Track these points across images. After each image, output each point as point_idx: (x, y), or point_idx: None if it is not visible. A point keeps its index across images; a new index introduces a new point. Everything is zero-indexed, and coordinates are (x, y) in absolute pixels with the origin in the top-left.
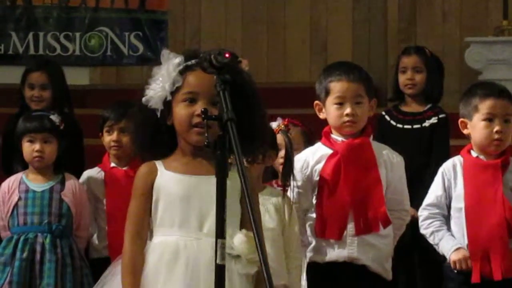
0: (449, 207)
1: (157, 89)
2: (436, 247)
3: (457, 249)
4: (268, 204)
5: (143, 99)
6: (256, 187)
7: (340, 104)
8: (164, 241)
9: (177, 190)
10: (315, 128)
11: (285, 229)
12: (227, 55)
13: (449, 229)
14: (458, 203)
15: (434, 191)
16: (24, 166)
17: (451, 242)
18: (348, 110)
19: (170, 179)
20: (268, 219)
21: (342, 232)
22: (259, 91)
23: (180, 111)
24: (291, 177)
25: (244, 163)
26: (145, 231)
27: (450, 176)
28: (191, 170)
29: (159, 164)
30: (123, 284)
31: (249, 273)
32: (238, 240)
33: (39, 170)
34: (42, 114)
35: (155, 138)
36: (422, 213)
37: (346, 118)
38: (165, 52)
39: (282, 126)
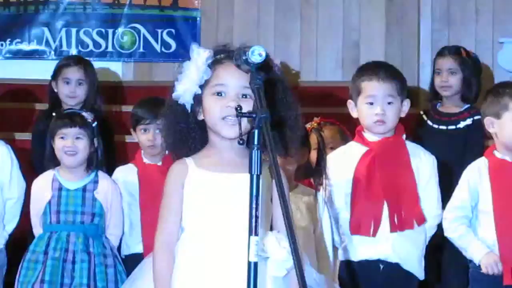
0: (474, 209)
1: (186, 84)
2: (463, 251)
3: (488, 253)
4: (300, 203)
5: (173, 95)
6: (289, 186)
7: (371, 103)
8: (195, 240)
9: (207, 189)
10: (347, 126)
11: (317, 227)
12: (261, 53)
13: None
14: (486, 205)
15: (459, 194)
16: (56, 164)
17: (481, 247)
18: (378, 109)
19: (201, 178)
20: (300, 218)
21: (377, 229)
22: (291, 87)
23: (210, 104)
24: (324, 176)
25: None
26: (176, 233)
27: (475, 179)
28: (222, 168)
29: (190, 162)
30: (155, 283)
31: (279, 275)
32: (268, 242)
33: (70, 168)
34: (73, 111)
35: (186, 134)
36: (447, 215)
37: (376, 118)
38: (194, 47)
39: (315, 124)
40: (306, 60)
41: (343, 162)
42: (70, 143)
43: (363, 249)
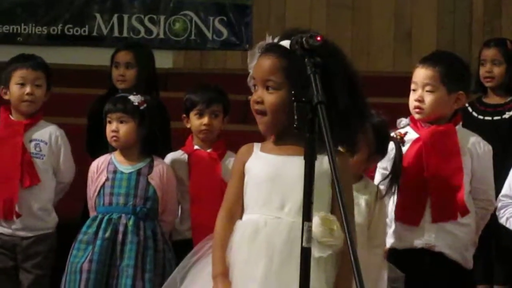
0: None
1: (250, 75)
2: None
3: None
4: (360, 199)
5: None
6: (351, 177)
7: (414, 90)
8: (248, 219)
9: (263, 169)
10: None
11: (372, 223)
12: (318, 39)
13: None
14: None
15: (508, 182)
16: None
17: None
18: (416, 96)
19: (260, 160)
20: (357, 214)
21: (419, 218)
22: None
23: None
24: (395, 187)
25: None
26: (238, 209)
27: None
28: (281, 151)
29: (256, 146)
30: (213, 258)
31: (322, 256)
32: (313, 223)
33: (125, 151)
34: (121, 95)
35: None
36: (497, 204)
37: (414, 104)
38: (267, 36)
39: (398, 137)
40: (357, 49)
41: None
42: (114, 127)
43: (407, 237)
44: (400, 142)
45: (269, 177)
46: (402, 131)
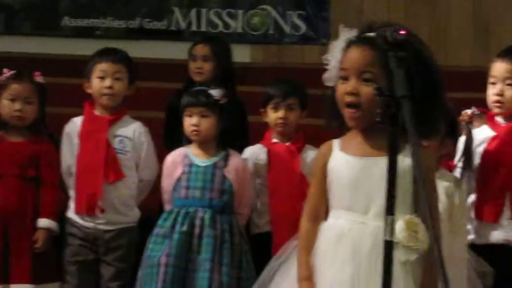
0: None
1: (330, 67)
2: None
3: None
4: (439, 188)
5: (323, 77)
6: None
7: (493, 84)
8: (333, 223)
9: (346, 173)
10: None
11: (453, 215)
12: (402, 32)
13: None
14: None
15: None
16: (189, 140)
17: None
18: (495, 90)
19: (341, 161)
20: None
21: (499, 215)
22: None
23: (338, 89)
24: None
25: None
26: (321, 210)
27: None
28: (362, 151)
29: (335, 145)
30: (298, 262)
31: (408, 259)
32: (398, 227)
33: (201, 145)
34: (201, 89)
35: (334, 114)
36: None
37: (494, 98)
38: (341, 27)
39: (466, 117)
40: (435, 43)
41: (472, 145)
42: (195, 121)
43: (487, 233)
44: (469, 122)
45: (352, 180)
46: (477, 130)
